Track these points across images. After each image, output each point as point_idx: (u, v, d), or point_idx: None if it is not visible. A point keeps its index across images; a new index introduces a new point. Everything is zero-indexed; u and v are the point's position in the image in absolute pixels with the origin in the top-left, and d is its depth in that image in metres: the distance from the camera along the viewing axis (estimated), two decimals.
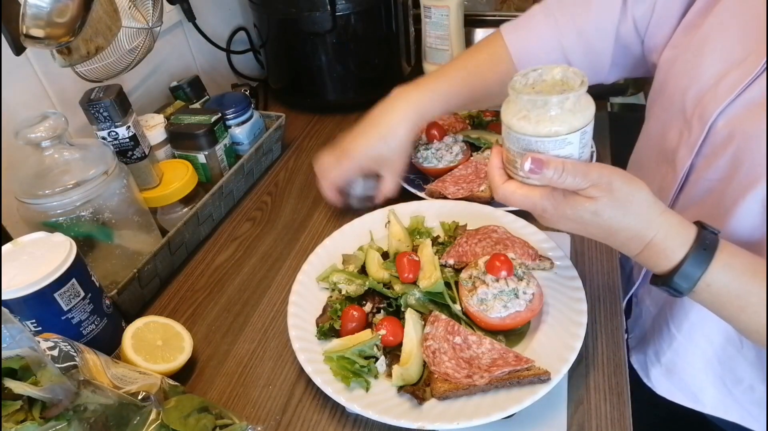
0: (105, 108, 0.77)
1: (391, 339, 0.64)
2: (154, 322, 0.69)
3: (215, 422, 0.56)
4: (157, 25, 0.89)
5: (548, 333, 0.64)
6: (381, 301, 0.70)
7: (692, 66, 0.64)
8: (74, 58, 0.74)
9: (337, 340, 0.66)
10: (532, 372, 0.58)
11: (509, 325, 0.64)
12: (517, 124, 0.51)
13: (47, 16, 0.65)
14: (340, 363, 0.62)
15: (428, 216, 0.83)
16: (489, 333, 0.65)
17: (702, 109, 0.60)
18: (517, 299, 0.64)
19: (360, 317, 0.68)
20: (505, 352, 0.61)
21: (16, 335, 0.46)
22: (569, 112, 0.50)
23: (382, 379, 0.62)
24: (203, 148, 0.92)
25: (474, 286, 0.66)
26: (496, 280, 0.65)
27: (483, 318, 0.64)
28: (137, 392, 0.53)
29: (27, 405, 0.47)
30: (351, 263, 0.77)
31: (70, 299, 0.62)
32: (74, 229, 0.70)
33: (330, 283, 0.73)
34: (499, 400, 0.57)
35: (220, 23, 1.23)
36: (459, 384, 0.58)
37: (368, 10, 1.11)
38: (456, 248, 0.75)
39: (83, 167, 0.70)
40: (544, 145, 0.51)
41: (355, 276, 0.73)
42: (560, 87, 0.53)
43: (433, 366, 0.60)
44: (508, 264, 0.66)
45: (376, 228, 0.82)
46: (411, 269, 0.70)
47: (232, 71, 1.28)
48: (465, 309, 0.66)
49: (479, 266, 0.68)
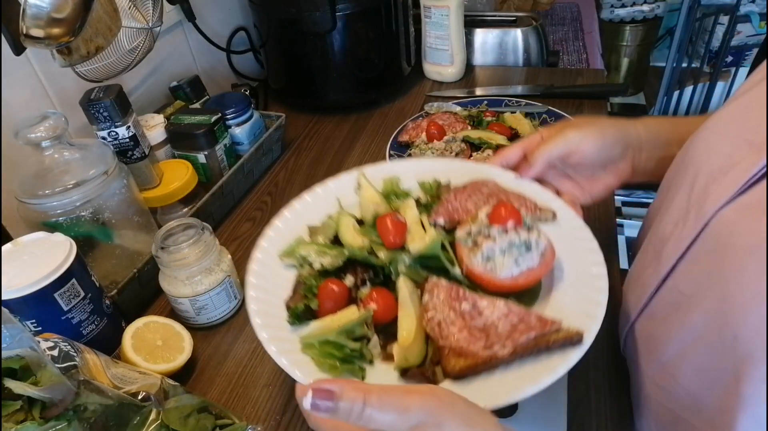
0: (105, 108, 0.77)
1: (384, 315, 0.54)
2: (154, 322, 0.69)
3: (215, 422, 0.56)
4: (157, 25, 0.89)
5: (566, 290, 0.56)
6: (365, 272, 0.59)
7: (711, 140, 0.53)
8: (74, 58, 0.74)
9: (317, 322, 0.54)
10: (562, 334, 0.49)
11: (522, 284, 0.55)
12: None
13: (47, 16, 0.65)
14: (324, 349, 0.51)
15: (403, 178, 0.72)
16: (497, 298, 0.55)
17: (703, 199, 0.49)
18: (529, 253, 0.55)
19: (341, 292, 0.56)
20: (525, 315, 0.51)
21: (16, 335, 0.46)
22: None
23: (378, 364, 0.52)
24: (203, 148, 0.92)
25: (476, 244, 0.57)
26: (504, 231, 0.56)
27: (491, 279, 0.55)
28: (137, 392, 0.53)
29: (27, 405, 0.47)
30: (319, 234, 0.64)
31: (70, 299, 0.62)
32: (74, 229, 0.70)
33: (297, 258, 0.61)
34: (529, 372, 0.48)
35: (220, 23, 1.23)
36: (477, 357, 0.48)
37: (368, 10, 1.11)
38: (444, 206, 0.65)
39: (83, 167, 0.70)
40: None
41: (329, 247, 0.61)
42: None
43: (441, 340, 0.50)
44: (515, 213, 0.57)
45: (344, 195, 0.70)
46: (396, 232, 0.59)
47: (232, 71, 1.28)
48: (467, 272, 0.57)
49: (480, 220, 0.59)
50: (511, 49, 1.36)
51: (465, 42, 1.29)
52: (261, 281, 0.59)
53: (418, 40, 1.31)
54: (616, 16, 3.01)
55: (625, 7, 2.98)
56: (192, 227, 0.71)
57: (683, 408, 0.54)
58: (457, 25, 1.23)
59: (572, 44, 1.67)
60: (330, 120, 1.21)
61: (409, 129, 1.04)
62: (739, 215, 0.44)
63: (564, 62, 1.55)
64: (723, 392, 0.46)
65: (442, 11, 1.21)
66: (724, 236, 0.45)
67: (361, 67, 1.18)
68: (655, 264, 0.57)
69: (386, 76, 1.24)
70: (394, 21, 1.17)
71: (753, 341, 0.41)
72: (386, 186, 0.71)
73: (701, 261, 0.49)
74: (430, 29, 1.26)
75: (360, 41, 1.14)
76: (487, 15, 1.44)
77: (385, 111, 1.22)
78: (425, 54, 1.31)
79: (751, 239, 0.42)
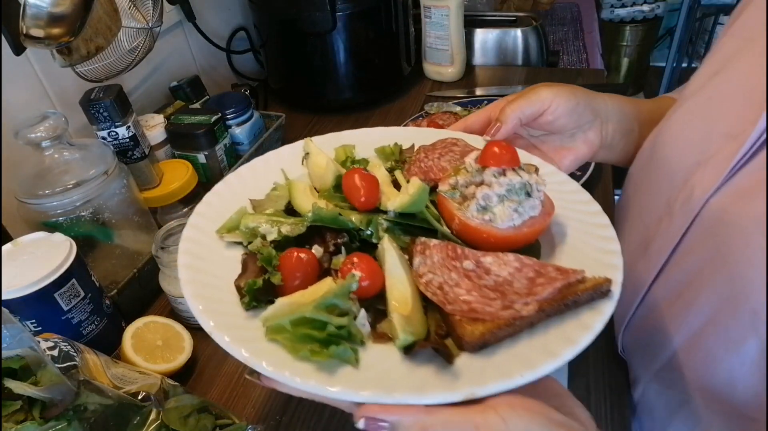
0: (105, 108, 0.77)
1: (368, 284, 0.43)
2: (154, 322, 0.69)
3: (215, 422, 0.56)
4: (157, 25, 0.89)
5: (573, 243, 0.49)
6: (337, 237, 0.48)
7: (683, 136, 0.55)
8: (74, 58, 0.74)
9: (282, 300, 0.42)
10: (589, 283, 0.42)
11: (526, 236, 0.48)
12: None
13: (47, 16, 0.65)
14: (299, 330, 0.40)
15: (358, 147, 0.63)
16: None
17: (689, 192, 0.51)
18: (530, 200, 0.48)
19: (310, 261, 0.45)
20: (541, 266, 0.44)
21: (16, 335, 0.46)
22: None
23: (370, 346, 0.42)
24: (203, 148, 0.92)
25: (465, 197, 0.50)
26: (501, 173, 0.49)
27: (491, 232, 0.47)
28: (137, 392, 0.53)
29: (27, 405, 0.47)
30: (264, 207, 0.54)
31: (70, 299, 0.62)
32: (74, 229, 0.70)
33: (243, 232, 0.49)
34: (560, 333, 0.41)
35: (220, 23, 1.23)
36: (498, 319, 0.40)
37: (368, 10, 1.11)
38: (417, 165, 0.57)
39: (83, 167, 0.70)
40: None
41: (284, 216, 0.51)
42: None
43: (448, 305, 0.41)
44: (511, 150, 0.49)
45: (290, 168, 0.60)
46: (368, 189, 0.49)
47: (232, 71, 1.28)
48: (460, 228, 0.49)
49: (468, 166, 0.52)
50: (511, 49, 1.36)
51: (465, 42, 1.29)
52: (198, 263, 0.47)
53: (418, 40, 1.31)
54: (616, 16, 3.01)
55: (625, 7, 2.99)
56: None
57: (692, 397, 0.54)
58: (457, 25, 1.23)
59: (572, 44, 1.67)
60: (330, 120, 1.21)
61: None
62: (732, 198, 0.46)
63: (564, 62, 1.55)
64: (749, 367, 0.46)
65: (442, 11, 1.21)
66: (720, 221, 0.47)
67: (361, 67, 1.18)
68: (644, 261, 0.57)
69: (386, 76, 1.24)
70: (394, 21, 1.17)
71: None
72: (339, 155, 0.62)
73: (698, 250, 0.50)
74: (430, 29, 1.26)
75: (360, 41, 1.14)
76: (487, 15, 1.44)
77: (385, 111, 1.22)
78: (425, 54, 1.31)
79: (751, 218, 0.43)
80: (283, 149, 0.62)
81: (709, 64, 0.56)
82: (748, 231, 0.44)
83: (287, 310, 0.41)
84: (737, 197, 0.46)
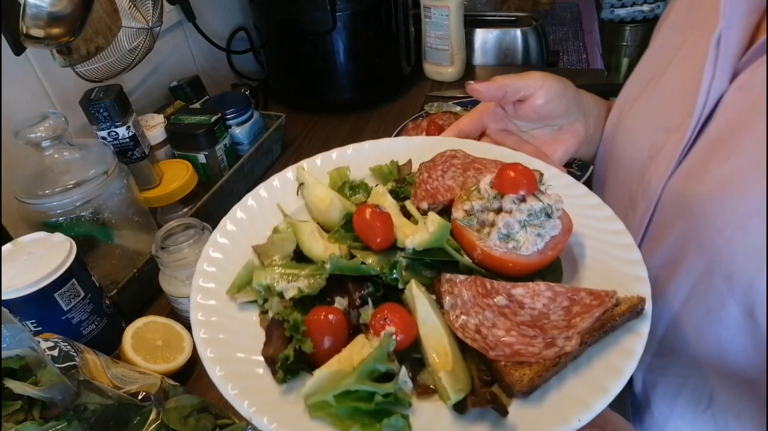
0: (105, 108, 0.77)
1: (403, 338, 0.41)
2: (154, 322, 0.69)
3: (215, 422, 0.56)
4: (157, 25, 0.89)
5: (594, 256, 0.48)
6: (360, 287, 0.45)
7: (633, 137, 0.60)
8: (74, 58, 0.74)
9: (320, 372, 0.39)
10: (624, 305, 0.41)
11: (549, 259, 0.46)
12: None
13: (47, 16, 0.65)
14: (344, 404, 0.38)
15: (351, 167, 0.60)
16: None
17: (646, 185, 0.55)
18: (550, 221, 0.47)
19: (339, 321, 0.43)
20: (574, 293, 0.43)
21: (16, 335, 0.46)
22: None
23: (417, 404, 0.40)
24: (203, 148, 0.92)
25: (483, 223, 0.48)
26: (521, 200, 0.47)
27: (516, 261, 0.45)
28: (137, 392, 0.53)
29: (27, 405, 0.47)
30: (270, 254, 0.50)
31: (70, 299, 0.61)
32: (74, 229, 0.70)
33: (257, 292, 0.46)
34: (604, 362, 0.39)
35: (220, 23, 1.23)
36: (544, 360, 0.39)
37: (368, 10, 1.11)
38: (422, 188, 0.55)
39: (83, 167, 0.70)
40: None
41: (296, 266, 0.48)
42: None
43: (490, 351, 0.40)
44: (528, 174, 0.48)
45: (285, 202, 0.57)
46: (384, 229, 0.47)
47: (232, 71, 1.28)
48: (482, 258, 0.47)
49: (483, 191, 0.50)
50: (511, 49, 1.36)
51: (465, 42, 1.29)
52: (217, 335, 0.44)
53: (418, 40, 1.31)
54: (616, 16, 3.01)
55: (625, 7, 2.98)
56: (192, 227, 0.71)
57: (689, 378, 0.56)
58: (457, 25, 1.23)
59: (572, 44, 1.67)
60: (330, 120, 1.21)
61: (409, 129, 1.04)
62: (685, 180, 0.51)
63: (564, 62, 1.55)
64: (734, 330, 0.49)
65: (442, 11, 1.21)
66: (680, 203, 0.51)
67: (361, 67, 1.18)
68: None
69: (386, 76, 1.24)
70: (394, 21, 1.17)
71: (747, 266, 0.45)
72: (334, 180, 0.59)
73: (665, 233, 0.53)
74: (430, 29, 1.26)
75: (360, 41, 1.14)
76: (487, 15, 1.44)
77: (385, 111, 1.22)
78: (425, 54, 1.31)
79: (705, 191, 0.48)
80: (273, 181, 0.58)
81: (643, 71, 0.63)
82: (705, 204, 0.48)
83: (328, 384, 0.39)
84: (689, 177, 0.50)
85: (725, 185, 0.46)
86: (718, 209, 0.47)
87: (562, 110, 0.64)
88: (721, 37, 0.47)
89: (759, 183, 0.44)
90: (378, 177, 0.59)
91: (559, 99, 0.63)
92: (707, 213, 0.48)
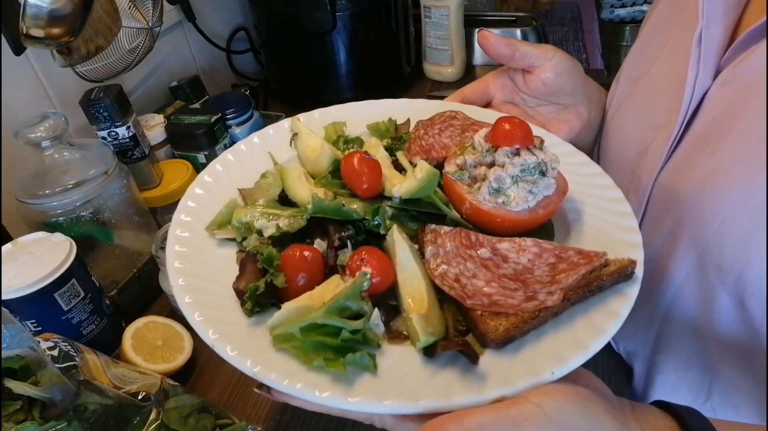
0: (105, 108, 0.77)
1: (379, 280, 0.40)
2: (154, 322, 0.69)
3: (215, 422, 0.56)
4: (157, 25, 0.89)
5: (589, 221, 0.47)
6: (340, 230, 0.44)
7: (622, 134, 0.61)
8: (74, 58, 0.74)
9: (288, 305, 0.39)
10: (613, 267, 0.40)
11: (540, 218, 0.45)
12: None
13: (47, 16, 0.65)
14: (310, 338, 0.37)
15: (348, 123, 0.60)
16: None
17: (637, 181, 0.57)
18: (544, 179, 0.45)
19: (315, 259, 0.41)
20: (561, 251, 0.42)
21: (16, 335, 0.46)
22: None
23: (386, 347, 0.39)
24: (203, 148, 0.92)
25: (475, 178, 0.47)
26: (514, 153, 0.46)
27: (505, 216, 0.44)
28: (137, 392, 0.53)
29: (27, 405, 0.47)
30: (255, 197, 0.50)
31: (70, 299, 0.61)
32: (74, 229, 0.70)
33: (237, 229, 0.45)
34: (586, 321, 0.39)
35: (220, 23, 1.23)
36: (522, 312, 0.38)
37: (368, 10, 1.11)
38: (417, 143, 0.53)
39: (83, 167, 0.70)
40: None
41: (279, 207, 0.47)
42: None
43: (467, 299, 0.39)
44: (524, 127, 0.46)
45: (277, 150, 0.56)
46: (371, 175, 0.46)
47: (232, 71, 1.28)
48: (471, 212, 0.46)
49: (477, 145, 0.48)
50: None
51: (465, 42, 1.28)
52: (191, 266, 0.43)
53: (418, 40, 1.31)
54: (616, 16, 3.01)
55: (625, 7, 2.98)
56: None
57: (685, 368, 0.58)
58: (457, 25, 1.23)
59: (572, 44, 1.67)
60: None
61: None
62: (674, 174, 0.52)
63: None
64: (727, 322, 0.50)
65: (442, 11, 1.21)
66: (670, 197, 0.52)
67: (361, 67, 1.18)
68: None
69: (386, 76, 1.24)
70: (393, 21, 1.17)
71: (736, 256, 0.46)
72: (329, 134, 0.57)
73: (657, 227, 0.54)
74: (430, 29, 1.26)
75: (360, 41, 1.14)
76: (487, 15, 1.44)
77: None
78: (425, 54, 1.31)
79: (694, 185, 0.49)
80: (268, 130, 0.57)
81: (628, 70, 0.64)
82: (694, 197, 0.49)
83: (295, 316, 0.37)
84: (678, 172, 0.52)
85: (712, 179, 0.48)
86: (706, 202, 0.48)
87: (570, 87, 0.64)
88: (702, 36, 0.49)
89: (744, 175, 0.45)
90: (374, 134, 0.58)
91: (568, 74, 0.63)
92: (696, 206, 0.49)
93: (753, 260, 0.45)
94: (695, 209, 0.49)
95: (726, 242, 0.47)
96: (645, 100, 0.60)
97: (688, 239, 0.51)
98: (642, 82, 0.61)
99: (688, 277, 0.52)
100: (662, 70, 0.58)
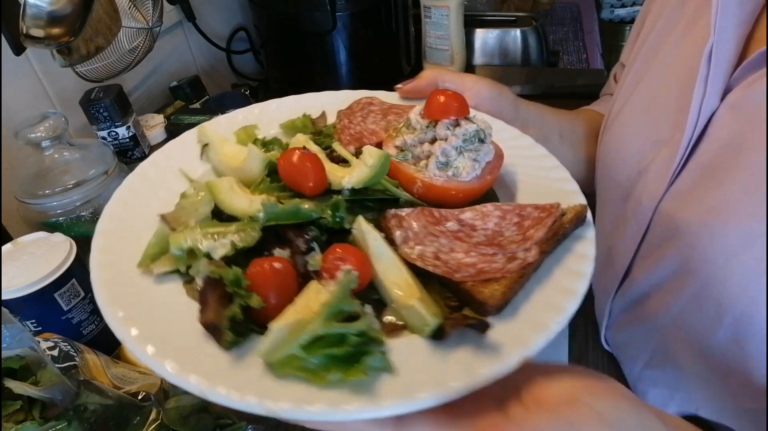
0: (105, 108, 0.77)
1: (363, 276, 0.38)
2: None
3: (215, 422, 0.56)
4: (157, 25, 0.89)
5: (528, 181, 0.49)
6: (302, 233, 0.41)
7: (622, 148, 0.59)
8: (74, 58, 0.74)
9: (277, 325, 0.34)
10: (571, 213, 0.42)
11: (488, 184, 0.47)
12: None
13: (47, 16, 0.65)
14: (315, 353, 0.33)
15: (260, 126, 0.57)
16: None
17: (637, 201, 0.55)
18: (484, 146, 0.47)
19: (286, 270, 0.38)
20: (520, 209, 0.44)
21: (16, 335, 0.46)
22: None
23: (389, 342, 0.36)
24: None
25: (418, 157, 0.47)
26: (454, 124, 0.47)
27: (458, 188, 0.45)
28: (137, 392, 0.53)
29: (27, 405, 0.47)
30: (182, 220, 0.43)
31: (70, 299, 0.62)
32: (74, 229, 0.70)
33: (177, 257, 0.39)
34: (563, 268, 0.40)
35: (220, 23, 1.23)
36: (510, 274, 0.38)
37: (368, 10, 1.11)
38: (345, 133, 0.52)
39: (83, 167, 0.70)
40: None
41: (221, 225, 0.41)
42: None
43: (455, 273, 0.38)
44: (458, 98, 0.47)
45: (186, 167, 0.51)
46: (314, 169, 0.44)
47: (232, 71, 1.28)
48: (424, 189, 0.46)
49: (414, 123, 0.49)
50: (511, 49, 1.36)
51: (465, 42, 1.28)
52: (137, 312, 0.37)
53: (418, 40, 1.31)
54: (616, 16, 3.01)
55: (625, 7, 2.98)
56: None
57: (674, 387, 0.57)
58: (457, 25, 1.23)
59: (572, 44, 1.67)
60: None
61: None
62: (677, 203, 0.50)
63: (564, 62, 1.55)
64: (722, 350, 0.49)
65: (442, 11, 1.21)
66: (672, 223, 0.51)
67: (361, 67, 1.18)
68: (611, 269, 0.60)
69: (386, 76, 1.24)
70: (394, 21, 1.17)
71: (740, 295, 0.45)
72: (241, 141, 0.53)
73: (657, 254, 0.53)
74: (430, 29, 1.26)
75: (360, 41, 1.14)
76: (487, 15, 1.44)
77: None
78: (425, 54, 1.31)
79: (696, 218, 0.48)
80: (171, 145, 0.52)
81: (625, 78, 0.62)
82: (696, 231, 0.48)
83: (290, 336, 0.34)
84: (681, 200, 0.50)
85: (717, 214, 0.46)
86: (709, 238, 0.46)
87: (495, 115, 0.61)
88: (713, 52, 0.46)
89: (752, 213, 0.43)
90: (291, 133, 0.55)
91: (491, 101, 0.61)
92: (698, 241, 0.47)
93: (758, 302, 0.43)
94: (697, 244, 0.48)
95: (730, 280, 0.45)
96: (645, 112, 0.57)
97: (688, 271, 0.49)
98: (642, 83, 0.58)
99: (686, 307, 0.51)
100: (664, 80, 0.55)
